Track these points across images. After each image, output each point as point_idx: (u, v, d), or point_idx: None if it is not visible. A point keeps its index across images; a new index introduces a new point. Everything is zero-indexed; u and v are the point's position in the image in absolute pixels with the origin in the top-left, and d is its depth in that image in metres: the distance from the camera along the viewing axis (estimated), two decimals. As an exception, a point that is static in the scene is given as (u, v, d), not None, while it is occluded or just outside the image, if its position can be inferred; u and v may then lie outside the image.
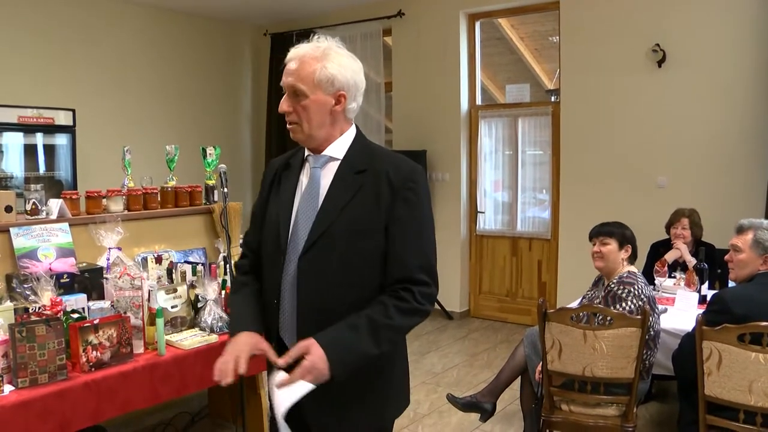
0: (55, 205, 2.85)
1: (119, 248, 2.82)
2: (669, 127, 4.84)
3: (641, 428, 3.43)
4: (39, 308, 2.21)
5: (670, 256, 3.90)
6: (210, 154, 3.43)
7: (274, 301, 1.62)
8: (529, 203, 5.83)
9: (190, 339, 2.58)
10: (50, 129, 5.01)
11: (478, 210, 5.97)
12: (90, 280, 2.64)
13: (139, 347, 2.43)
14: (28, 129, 4.89)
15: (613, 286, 2.86)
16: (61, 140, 5.13)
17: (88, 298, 2.53)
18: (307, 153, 1.65)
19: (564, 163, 5.36)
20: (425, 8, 5.92)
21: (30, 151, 4.98)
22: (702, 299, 3.35)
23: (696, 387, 2.42)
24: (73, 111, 5.10)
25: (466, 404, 3.39)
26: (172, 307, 2.65)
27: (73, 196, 3.00)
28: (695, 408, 2.45)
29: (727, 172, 4.63)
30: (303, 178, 1.64)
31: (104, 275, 2.66)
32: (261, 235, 1.71)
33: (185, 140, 4.89)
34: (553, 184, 5.54)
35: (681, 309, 3.28)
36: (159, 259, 2.91)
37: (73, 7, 5.51)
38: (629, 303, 2.76)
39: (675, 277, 3.75)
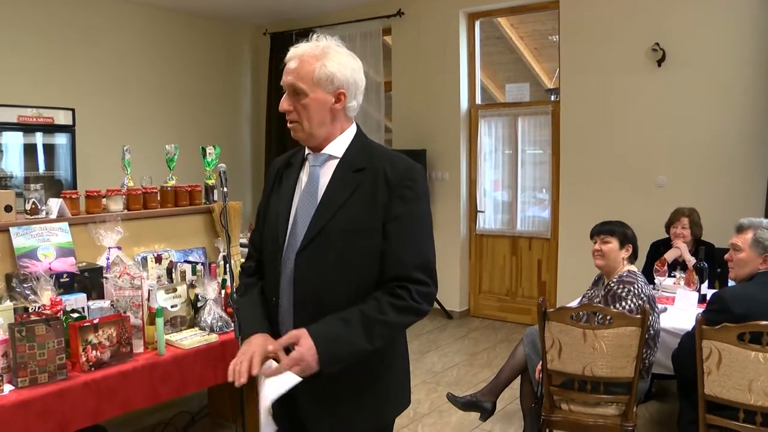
0: (55, 204, 2.85)
1: (119, 248, 2.82)
2: (669, 126, 4.84)
3: (641, 427, 3.43)
4: (39, 308, 2.21)
5: (669, 255, 3.90)
6: (210, 153, 3.43)
7: (273, 298, 1.62)
8: (528, 202, 5.83)
9: (190, 338, 2.58)
10: (50, 128, 5.01)
11: (478, 209, 5.97)
12: (90, 280, 2.64)
13: (138, 347, 2.43)
14: (28, 128, 4.89)
15: (613, 285, 2.86)
16: (61, 140, 5.13)
17: (88, 298, 2.53)
18: (307, 152, 1.65)
19: (564, 162, 5.36)
20: (425, 7, 5.91)
21: (30, 150, 4.98)
22: (702, 298, 3.35)
23: (696, 386, 2.42)
24: (73, 111, 5.10)
25: (466, 403, 3.40)
26: (172, 307, 2.65)
27: (73, 196, 3.00)
28: (695, 407, 2.46)
29: (727, 171, 4.63)
30: (303, 177, 1.64)
31: (104, 275, 2.66)
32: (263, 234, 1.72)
33: (185, 140, 4.89)
34: (552, 184, 5.54)
35: (681, 308, 3.29)
36: (159, 259, 2.91)
37: (73, 7, 5.51)
38: (629, 302, 2.76)
39: (675, 277, 3.75)
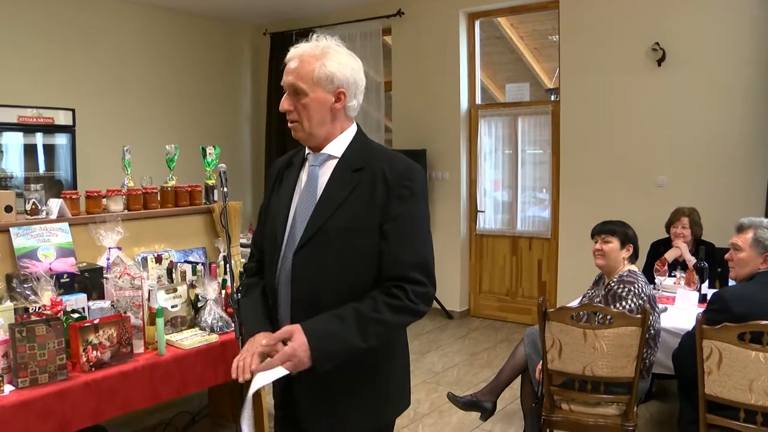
0: (55, 204, 2.85)
1: (119, 248, 2.82)
2: (669, 126, 4.84)
3: (641, 427, 3.43)
4: (39, 308, 2.21)
5: (670, 255, 3.90)
6: (210, 153, 3.43)
7: (272, 297, 1.63)
8: (529, 202, 5.83)
9: (190, 339, 2.58)
10: (50, 129, 5.01)
11: (478, 209, 5.97)
12: (90, 280, 2.64)
13: (139, 347, 2.43)
14: (28, 129, 4.89)
15: (613, 284, 2.86)
16: (61, 140, 5.13)
17: (88, 298, 2.53)
18: (307, 151, 1.65)
19: (564, 162, 5.36)
20: (425, 7, 5.91)
21: (30, 150, 4.98)
22: (702, 298, 3.35)
23: (696, 386, 2.42)
24: (73, 111, 5.10)
25: (466, 403, 3.40)
26: (172, 307, 2.65)
27: (73, 196, 3.00)
28: (695, 407, 2.46)
29: (727, 170, 4.63)
30: (303, 176, 1.65)
31: (104, 275, 2.66)
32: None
33: (185, 140, 4.89)
34: (553, 183, 5.54)
35: (681, 308, 3.28)
36: (159, 259, 2.91)
37: (73, 7, 5.51)
38: (629, 302, 2.75)
39: (675, 276, 3.75)
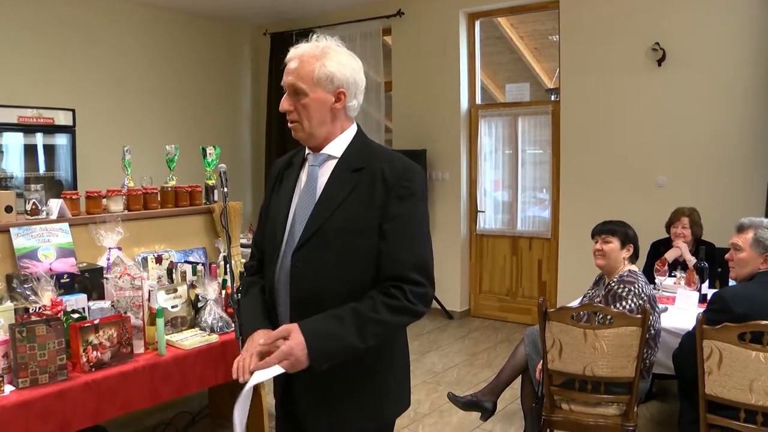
0: (55, 205, 2.85)
1: (119, 248, 2.82)
2: (669, 126, 4.84)
3: (642, 427, 3.43)
4: (39, 308, 2.21)
5: (670, 255, 3.90)
6: (210, 153, 3.43)
7: (272, 296, 1.63)
8: (529, 202, 5.83)
9: (191, 339, 2.58)
10: (50, 129, 5.01)
11: (478, 209, 5.97)
12: (90, 280, 2.64)
13: (139, 347, 2.43)
14: (28, 129, 4.89)
15: (613, 284, 2.86)
16: (61, 140, 5.13)
17: (89, 298, 2.53)
18: (307, 151, 1.66)
19: (564, 162, 5.36)
20: (425, 7, 5.91)
21: (30, 151, 4.98)
22: (702, 298, 3.35)
23: (696, 386, 2.42)
24: (73, 111, 5.10)
25: (466, 403, 3.39)
26: (173, 307, 2.65)
27: (73, 196, 3.00)
28: (696, 407, 2.45)
29: (727, 170, 4.63)
30: (302, 176, 1.65)
31: (104, 275, 2.66)
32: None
33: (185, 140, 4.89)
34: (553, 184, 5.54)
35: (681, 308, 3.28)
36: (159, 259, 2.91)
37: (73, 7, 5.51)
38: (630, 302, 2.75)
39: (675, 276, 3.75)
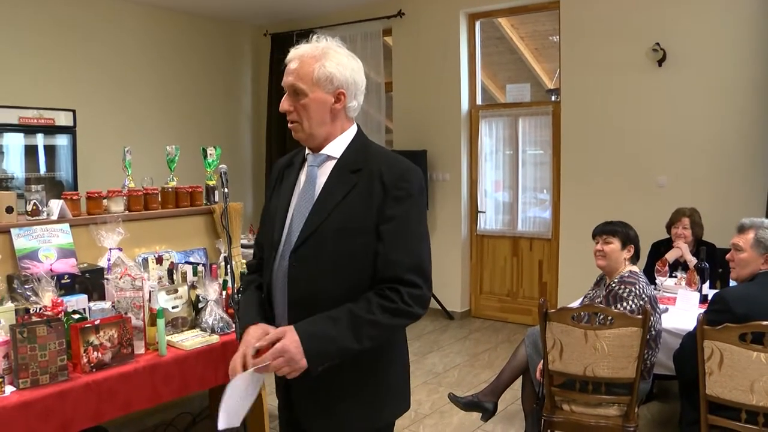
0: (56, 205, 2.85)
1: (120, 249, 2.82)
2: (669, 126, 4.84)
3: (643, 428, 3.42)
4: (40, 309, 2.20)
5: (670, 255, 3.90)
6: (210, 154, 3.43)
7: (270, 296, 1.63)
8: (529, 203, 5.83)
9: (191, 339, 2.58)
10: (51, 130, 5.01)
11: (479, 210, 5.96)
12: (91, 281, 2.64)
13: (140, 348, 2.43)
14: (29, 130, 4.89)
15: (614, 285, 2.86)
16: (62, 141, 5.13)
17: (89, 299, 2.53)
18: (307, 152, 1.66)
19: (564, 162, 5.35)
20: (425, 8, 5.91)
21: (31, 151, 4.98)
22: (703, 299, 3.34)
23: (697, 387, 2.42)
24: (74, 112, 5.10)
25: (467, 404, 3.39)
26: (173, 308, 2.65)
27: (74, 197, 3.00)
28: (697, 408, 2.45)
29: (728, 171, 4.63)
30: (302, 176, 1.65)
31: (105, 276, 2.66)
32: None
33: (186, 140, 4.89)
34: (553, 184, 5.54)
35: (682, 308, 3.28)
36: (160, 260, 2.91)
37: (74, 7, 5.51)
38: (630, 302, 2.75)
39: (676, 277, 3.74)
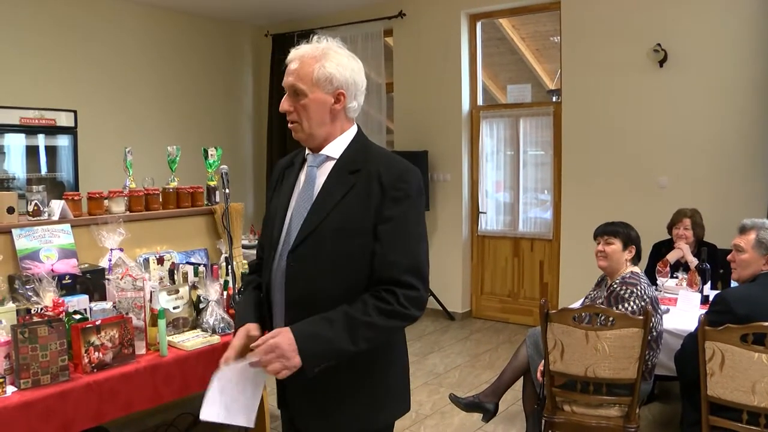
0: (57, 206, 2.85)
1: (121, 249, 2.82)
2: (670, 127, 4.83)
3: (644, 429, 3.42)
4: (41, 309, 2.20)
5: (672, 256, 3.90)
6: (211, 155, 3.43)
7: (268, 297, 1.64)
8: (530, 204, 5.83)
9: (192, 340, 2.58)
10: (52, 130, 5.02)
11: (480, 210, 5.96)
12: (92, 281, 2.64)
13: (141, 348, 2.43)
14: (30, 130, 4.90)
15: (615, 286, 2.85)
16: (63, 141, 5.14)
17: (90, 299, 2.53)
18: (307, 152, 1.66)
19: (565, 163, 5.35)
20: (426, 9, 5.92)
21: (32, 152, 4.99)
22: (704, 299, 3.34)
23: (698, 387, 2.42)
24: (75, 112, 5.10)
25: (468, 404, 3.39)
26: (174, 308, 2.65)
27: (75, 197, 3.00)
28: (698, 409, 2.45)
29: (729, 172, 4.62)
30: (302, 177, 1.65)
31: (106, 276, 2.66)
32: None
33: (186, 141, 4.90)
34: (554, 185, 5.54)
35: (683, 309, 3.28)
36: (161, 260, 2.91)
37: (74, 7, 5.51)
38: (632, 303, 2.75)
39: (677, 278, 3.74)
